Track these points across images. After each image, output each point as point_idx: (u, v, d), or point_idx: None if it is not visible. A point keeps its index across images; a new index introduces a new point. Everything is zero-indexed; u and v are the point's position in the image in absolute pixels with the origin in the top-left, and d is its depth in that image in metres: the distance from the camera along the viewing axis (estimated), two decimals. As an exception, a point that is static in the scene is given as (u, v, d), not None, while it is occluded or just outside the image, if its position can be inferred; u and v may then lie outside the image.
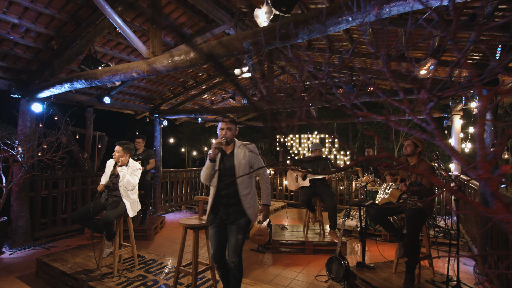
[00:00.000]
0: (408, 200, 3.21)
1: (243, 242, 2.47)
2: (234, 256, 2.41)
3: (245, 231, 2.48)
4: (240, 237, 2.43)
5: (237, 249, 2.41)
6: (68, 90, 4.08)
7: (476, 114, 3.90)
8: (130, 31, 2.87)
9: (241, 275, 2.47)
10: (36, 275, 3.69)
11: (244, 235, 2.48)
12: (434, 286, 3.00)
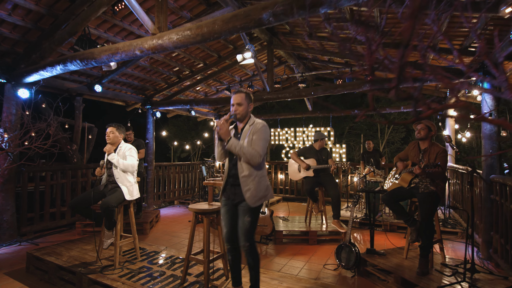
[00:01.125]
0: (419, 184, 3.17)
1: (253, 225, 2.28)
2: (244, 239, 2.26)
3: (254, 213, 2.28)
4: (247, 219, 2.26)
5: (246, 232, 2.26)
6: (61, 72, 3.80)
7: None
8: (134, 1, 2.67)
9: (255, 262, 2.30)
10: (27, 270, 3.41)
11: (253, 217, 2.28)
12: (448, 269, 2.97)
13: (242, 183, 2.29)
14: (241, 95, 2.39)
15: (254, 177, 2.29)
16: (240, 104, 2.38)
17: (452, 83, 1.03)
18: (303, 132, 8.33)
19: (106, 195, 3.12)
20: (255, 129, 2.32)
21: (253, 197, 2.25)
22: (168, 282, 2.70)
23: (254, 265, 2.29)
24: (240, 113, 2.37)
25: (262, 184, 2.31)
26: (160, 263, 3.16)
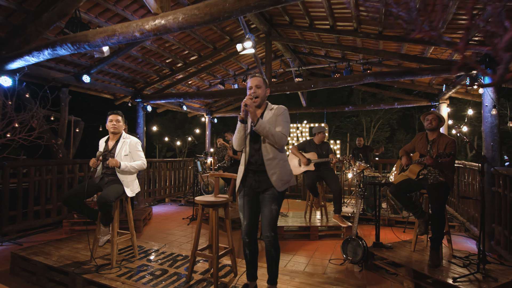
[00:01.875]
0: (428, 176, 3.13)
1: (278, 214, 2.17)
2: (269, 229, 2.13)
3: (280, 200, 2.18)
4: (274, 207, 2.14)
5: (272, 222, 2.13)
6: (49, 57, 3.51)
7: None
8: None
9: (277, 254, 2.18)
10: (11, 272, 3.12)
11: (279, 205, 2.18)
12: (459, 260, 2.93)
13: (268, 167, 2.16)
14: (259, 78, 2.28)
15: (279, 160, 2.20)
16: (259, 86, 2.25)
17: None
18: (297, 128, 8.24)
19: (102, 189, 2.88)
20: (278, 112, 2.24)
21: (279, 180, 2.15)
22: (172, 280, 2.51)
23: (276, 258, 2.17)
24: (260, 95, 2.24)
25: (286, 168, 2.24)
26: (160, 261, 2.95)
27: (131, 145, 2.98)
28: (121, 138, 3.00)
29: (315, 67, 6.90)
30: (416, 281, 2.77)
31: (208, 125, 9.36)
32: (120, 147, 2.93)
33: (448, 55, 4.79)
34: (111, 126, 2.95)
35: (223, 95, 6.32)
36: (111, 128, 2.94)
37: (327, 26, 4.94)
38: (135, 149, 2.98)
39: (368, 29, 4.63)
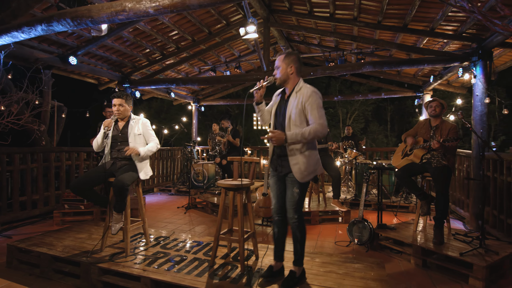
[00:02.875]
0: (431, 160, 3.29)
1: (302, 197, 2.14)
2: (292, 211, 2.14)
3: (302, 185, 2.12)
4: (296, 190, 2.12)
5: (294, 204, 2.13)
6: (42, 34, 3.21)
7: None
8: None
9: (302, 236, 2.19)
10: (8, 265, 2.90)
11: (301, 189, 2.13)
12: (463, 237, 3.15)
13: (290, 156, 2.12)
14: (279, 57, 2.23)
15: (305, 151, 2.10)
16: (277, 66, 2.22)
17: None
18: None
19: (114, 174, 2.73)
20: (305, 97, 2.09)
21: (301, 172, 2.09)
22: (195, 266, 2.46)
23: (300, 239, 2.18)
24: (278, 76, 2.20)
25: (312, 159, 2.13)
26: (175, 247, 2.88)
27: (143, 124, 2.86)
28: (130, 120, 2.86)
29: (311, 55, 6.94)
30: (424, 257, 2.94)
31: (195, 113, 9.15)
32: (132, 127, 2.79)
33: (439, 46, 5.02)
34: (116, 113, 2.79)
35: (219, 81, 6.17)
36: (116, 114, 2.78)
37: (326, 14, 4.95)
38: (147, 129, 2.87)
39: (367, 19, 4.71)
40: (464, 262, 2.65)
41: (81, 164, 5.30)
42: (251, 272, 2.34)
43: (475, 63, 4.18)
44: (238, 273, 2.33)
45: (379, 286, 2.10)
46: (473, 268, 2.54)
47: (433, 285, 2.58)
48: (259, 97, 2.27)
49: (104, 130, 2.72)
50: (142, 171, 2.79)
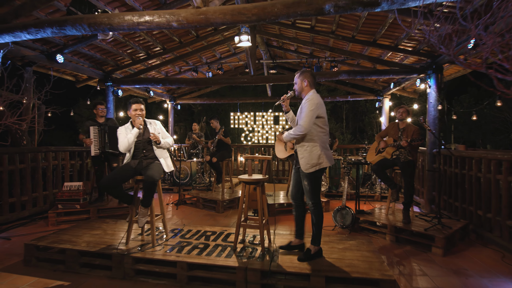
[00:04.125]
0: (400, 156, 4.04)
1: (313, 187, 2.62)
2: (308, 198, 2.66)
3: (310, 178, 2.61)
4: (305, 183, 2.63)
5: (308, 193, 2.64)
6: (50, 36, 3.27)
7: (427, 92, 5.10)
8: None
9: (318, 219, 2.66)
10: (26, 264, 2.97)
11: (309, 181, 2.61)
12: (424, 217, 3.94)
13: (298, 152, 2.70)
14: (296, 74, 2.76)
15: (307, 147, 2.64)
16: (295, 82, 2.74)
17: None
18: (263, 117, 8.80)
19: (141, 172, 2.97)
20: (303, 103, 2.65)
21: (305, 164, 2.60)
22: (220, 250, 2.84)
23: (316, 223, 2.68)
24: (296, 89, 2.73)
25: (313, 154, 2.61)
26: (194, 237, 3.21)
27: (158, 125, 3.17)
28: (147, 122, 3.14)
29: (287, 60, 7.50)
30: (396, 234, 3.66)
31: (171, 111, 9.21)
32: (151, 129, 3.08)
33: (400, 59, 5.90)
34: (140, 114, 3.03)
35: (207, 83, 6.43)
36: (137, 116, 3.02)
37: (307, 26, 5.53)
38: (162, 129, 3.19)
39: (343, 33, 5.38)
40: (428, 236, 3.40)
41: (67, 164, 5.23)
42: (270, 251, 2.80)
43: (430, 75, 5.08)
44: (260, 253, 2.77)
45: (374, 257, 2.70)
46: (435, 240, 3.30)
47: (406, 255, 3.29)
48: (286, 108, 2.81)
49: (139, 129, 2.97)
50: (166, 165, 3.08)
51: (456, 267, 2.98)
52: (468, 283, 2.67)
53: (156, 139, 3.01)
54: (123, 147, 2.98)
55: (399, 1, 2.46)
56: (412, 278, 2.75)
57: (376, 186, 6.52)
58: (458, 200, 4.31)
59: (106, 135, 4.53)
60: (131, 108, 3.10)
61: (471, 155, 4.02)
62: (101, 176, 4.72)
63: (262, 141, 8.82)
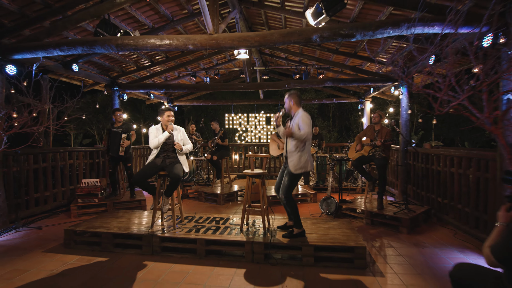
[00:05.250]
0: (375, 153, 4.81)
1: (289, 184, 3.28)
2: (282, 192, 3.31)
3: (291, 177, 3.26)
4: (286, 178, 3.30)
5: (284, 188, 3.29)
6: (81, 53, 3.85)
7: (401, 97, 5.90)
8: (205, 3, 3.19)
9: (292, 210, 3.31)
10: (66, 246, 3.56)
11: (290, 179, 3.27)
12: (395, 204, 4.73)
13: (288, 156, 3.32)
14: (285, 96, 3.41)
15: (297, 152, 3.28)
16: (285, 102, 3.40)
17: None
18: (255, 117, 9.47)
19: (164, 168, 3.60)
20: (298, 118, 3.30)
21: (294, 166, 3.26)
22: (229, 230, 3.51)
23: (292, 212, 3.32)
24: (286, 107, 3.39)
25: (302, 159, 3.27)
26: (206, 222, 3.86)
27: (183, 132, 3.78)
28: (174, 128, 3.76)
29: (277, 67, 8.21)
30: (372, 218, 4.43)
31: (168, 113, 9.74)
32: (176, 134, 3.70)
33: (377, 68, 6.71)
34: (170, 120, 3.66)
35: (207, 89, 7.04)
36: (169, 122, 3.65)
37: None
38: (184, 136, 3.80)
39: (329, 45, 6.12)
40: (396, 218, 4.18)
41: (81, 163, 5.76)
42: (270, 230, 3.50)
43: (402, 83, 5.89)
44: (262, 232, 3.46)
45: (351, 232, 3.44)
46: (401, 221, 4.08)
47: (379, 234, 4.05)
48: (278, 123, 3.40)
49: (169, 134, 3.60)
50: (185, 166, 3.72)
51: (417, 241, 3.77)
52: (423, 252, 3.44)
53: (179, 148, 3.62)
54: (152, 145, 3.60)
55: (369, 34, 3.19)
56: (381, 248, 3.51)
57: (358, 180, 7.32)
58: (424, 190, 5.13)
59: (109, 140, 5.12)
60: (164, 115, 3.71)
61: (432, 152, 4.84)
62: (113, 173, 5.31)
63: (255, 140, 9.50)
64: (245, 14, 5.49)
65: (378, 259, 3.23)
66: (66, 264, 3.10)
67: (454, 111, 2.52)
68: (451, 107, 2.44)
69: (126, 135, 5.14)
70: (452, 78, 2.66)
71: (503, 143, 2.50)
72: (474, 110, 2.53)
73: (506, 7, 2.82)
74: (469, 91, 2.37)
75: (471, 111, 2.53)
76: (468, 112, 2.50)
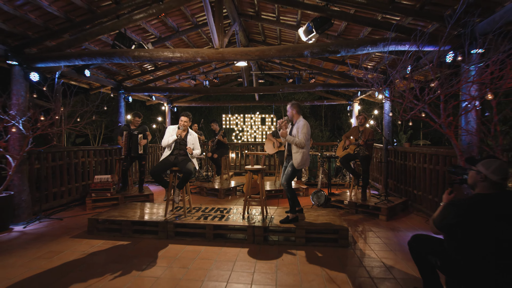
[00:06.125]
0: (359, 151, 5.43)
1: (292, 174, 3.91)
2: (284, 179, 3.92)
3: (294, 168, 3.89)
4: (289, 169, 3.91)
5: (286, 176, 3.91)
6: (99, 63, 4.34)
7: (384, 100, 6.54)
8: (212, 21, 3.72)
9: (291, 195, 3.92)
10: (90, 233, 4.07)
11: (293, 170, 3.90)
12: (377, 196, 5.37)
13: (293, 155, 3.90)
14: (288, 105, 3.98)
15: (299, 153, 3.88)
16: (288, 110, 3.97)
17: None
18: (251, 118, 10.04)
19: (177, 164, 4.13)
20: (298, 125, 3.92)
21: (297, 163, 3.87)
22: (233, 218, 4.07)
23: (290, 198, 3.94)
24: (289, 115, 3.96)
25: (303, 157, 3.88)
26: (212, 211, 4.42)
27: (195, 137, 4.30)
28: (188, 133, 4.28)
29: (274, 72, 8.78)
30: (356, 208, 5.05)
31: (168, 113, 10.23)
32: (189, 139, 4.22)
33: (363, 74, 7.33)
34: (182, 125, 4.18)
35: (207, 92, 7.56)
36: (182, 126, 4.17)
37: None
38: (196, 141, 4.31)
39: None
40: (377, 208, 4.81)
41: (92, 161, 6.24)
42: (268, 217, 4.07)
43: (385, 88, 6.52)
44: (261, 218, 4.03)
45: (337, 218, 4.04)
46: (381, 210, 4.71)
47: (361, 221, 4.68)
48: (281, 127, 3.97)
49: (177, 137, 4.11)
50: (196, 163, 4.26)
51: (393, 227, 4.40)
52: (397, 235, 4.07)
53: (190, 152, 4.16)
54: (163, 143, 4.13)
55: (351, 51, 3.80)
56: (362, 232, 4.13)
57: (346, 177, 7.96)
58: (402, 183, 5.79)
59: (131, 141, 5.62)
60: (180, 119, 4.24)
61: (409, 150, 5.50)
62: (126, 171, 5.81)
63: (250, 139, 10.07)
64: (244, 25, 6.04)
65: (359, 240, 3.84)
66: (94, 247, 3.62)
67: (416, 117, 3.14)
68: (412, 114, 3.05)
69: (142, 135, 5.71)
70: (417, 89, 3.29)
71: (455, 143, 3.13)
72: (433, 116, 3.15)
73: (461, 31, 3.45)
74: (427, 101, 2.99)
75: (430, 117, 3.15)
76: (427, 118, 3.12)
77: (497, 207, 1.88)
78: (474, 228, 1.89)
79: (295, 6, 4.03)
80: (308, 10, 4.03)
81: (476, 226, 1.89)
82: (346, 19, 4.12)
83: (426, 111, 3.18)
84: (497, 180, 1.93)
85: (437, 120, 3.14)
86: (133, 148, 5.67)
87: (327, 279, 2.77)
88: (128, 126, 5.77)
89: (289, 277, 2.82)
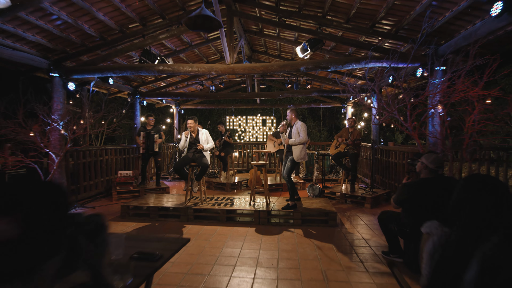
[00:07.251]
0: (349, 150, 6.27)
1: (291, 168, 4.73)
2: (285, 172, 4.74)
3: (293, 162, 4.75)
4: (289, 163, 4.74)
5: (287, 169, 4.73)
6: (128, 75, 5.14)
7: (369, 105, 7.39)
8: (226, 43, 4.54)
9: (291, 186, 4.74)
10: (122, 218, 4.88)
11: (292, 164, 4.74)
12: (364, 188, 6.21)
13: (293, 149, 4.72)
14: (288, 110, 4.80)
15: (300, 148, 4.70)
16: (287, 115, 4.80)
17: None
18: (253, 120, 10.87)
19: (195, 160, 4.95)
20: (298, 127, 4.74)
21: (296, 156, 4.70)
22: (242, 205, 4.90)
23: (290, 187, 4.76)
24: (288, 119, 4.79)
25: (302, 152, 4.72)
26: (223, 200, 5.24)
27: (206, 133, 5.11)
28: (199, 131, 5.10)
29: (273, 78, 9.62)
30: (345, 198, 5.90)
31: (176, 115, 11.05)
32: (201, 136, 5.04)
33: (353, 81, 8.20)
34: (189, 126, 5.00)
35: (215, 97, 8.38)
36: (189, 128, 4.99)
37: (289, 57, 7.66)
38: (208, 136, 5.13)
39: (315, 63, 7.56)
40: (364, 198, 5.65)
41: (113, 158, 7.06)
42: (271, 204, 4.90)
43: (373, 94, 7.37)
44: (265, 205, 4.86)
45: (328, 205, 4.88)
46: (366, 199, 5.55)
47: (349, 209, 5.51)
48: (283, 131, 4.80)
49: (186, 137, 4.93)
50: (209, 158, 5.08)
51: (376, 213, 5.23)
52: (378, 218, 4.91)
53: (201, 147, 4.97)
54: (181, 146, 4.95)
55: (339, 67, 4.64)
56: (349, 217, 4.97)
57: (339, 173, 8.80)
58: (386, 178, 6.64)
59: (148, 141, 6.44)
60: (186, 122, 5.05)
61: (391, 149, 6.35)
62: (144, 167, 6.63)
63: (252, 139, 10.90)
64: (249, 40, 6.87)
65: (346, 223, 4.68)
66: (130, 227, 4.44)
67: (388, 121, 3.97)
68: (383, 119, 3.90)
69: (158, 135, 6.53)
70: (390, 99, 4.13)
71: (418, 142, 3.98)
72: (402, 121, 4.00)
73: (427, 51, 4.29)
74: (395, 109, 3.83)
75: (400, 122, 3.99)
76: (397, 123, 3.96)
77: (434, 186, 2.73)
78: (418, 200, 2.74)
79: (293, 29, 4.88)
80: (304, 33, 4.86)
81: (420, 199, 2.73)
82: (335, 40, 4.96)
83: (396, 117, 4.03)
84: (434, 168, 2.78)
85: (404, 124, 3.98)
86: (150, 147, 6.49)
87: (317, 246, 3.61)
88: (144, 127, 6.58)
89: (287, 245, 3.66)
